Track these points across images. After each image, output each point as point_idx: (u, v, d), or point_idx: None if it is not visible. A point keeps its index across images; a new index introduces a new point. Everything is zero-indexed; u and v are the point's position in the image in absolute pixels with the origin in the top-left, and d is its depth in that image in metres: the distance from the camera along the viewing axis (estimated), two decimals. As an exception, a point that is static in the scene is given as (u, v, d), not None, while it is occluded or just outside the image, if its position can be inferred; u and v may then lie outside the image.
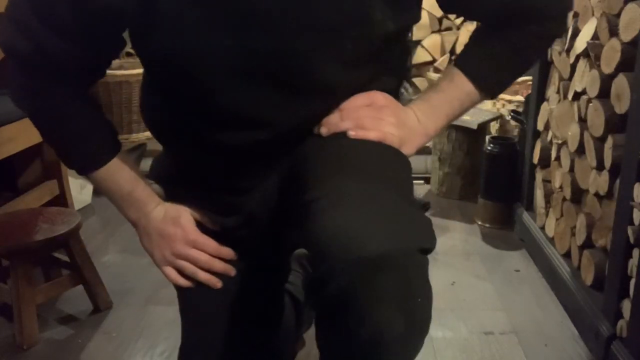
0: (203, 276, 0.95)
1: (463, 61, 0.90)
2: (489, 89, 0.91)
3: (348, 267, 0.67)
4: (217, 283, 0.96)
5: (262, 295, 1.05)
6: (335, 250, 0.68)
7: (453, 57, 3.27)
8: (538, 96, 1.94)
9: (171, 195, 1.01)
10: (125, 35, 0.87)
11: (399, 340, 0.71)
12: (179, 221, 0.95)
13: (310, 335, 1.47)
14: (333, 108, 0.87)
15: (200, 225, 0.97)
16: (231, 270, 0.97)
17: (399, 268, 0.69)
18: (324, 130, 0.86)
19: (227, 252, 0.97)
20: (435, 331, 1.50)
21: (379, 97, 0.87)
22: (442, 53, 3.28)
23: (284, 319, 1.21)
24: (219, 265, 0.96)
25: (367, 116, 0.85)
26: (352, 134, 0.83)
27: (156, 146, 1.05)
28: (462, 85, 0.89)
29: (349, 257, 0.67)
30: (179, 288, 1.02)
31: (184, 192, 0.99)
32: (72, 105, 0.90)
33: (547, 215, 1.85)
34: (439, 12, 3.16)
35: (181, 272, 0.96)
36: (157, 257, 0.98)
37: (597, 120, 1.43)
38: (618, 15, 1.35)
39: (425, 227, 0.74)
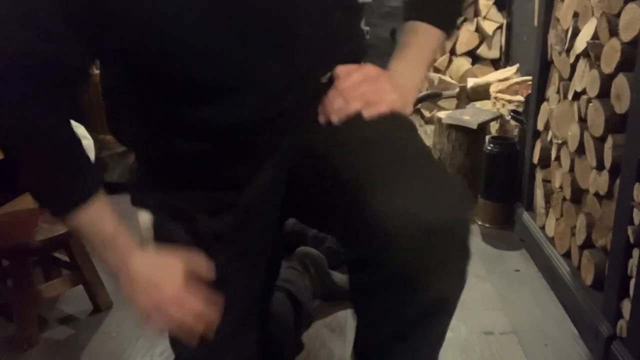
0: (183, 335, 0.90)
1: (418, 12, 0.96)
2: (448, 26, 0.98)
3: (409, 239, 0.70)
4: (195, 343, 0.90)
5: (254, 290, 1.02)
6: (392, 224, 0.70)
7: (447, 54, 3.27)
8: (538, 96, 1.94)
9: (162, 204, 0.96)
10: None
11: (456, 301, 0.80)
12: (170, 270, 0.88)
13: (310, 336, 1.48)
14: (307, 72, 0.87)
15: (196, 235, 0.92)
16: (211, 335, 0.90)
17: (457, 235, 0.78)
18: (334, 119, 0.85)
19: (212, 314, 0.88)
20: (435, 331, 1.50)
21: (369, 69, 0.90)
22: (442, 53, 3.28)
23: (283, 319, 1.23)
24: (200, 329, 0.88)
25: (369, 91, 0.86)
26: (366, 114, 0.84)
27: None
28: (427, 33, 0.95)
29: (409, 230, 0.70)
30: None
31: (176, 196, 0.94)
32: (53, 127, 0.83)
33: (547, 215, 1.85)
34: (439, 12, 3.15)
35: (170, 333, 0.94)
36: (140, 307, 0.90)
37: (597, 120, 1.43)
38: (618, 15, 1.35)
39: (464, 192, 0.82)
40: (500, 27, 3.18)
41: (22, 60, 0.75)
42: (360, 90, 0.86)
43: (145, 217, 1.01)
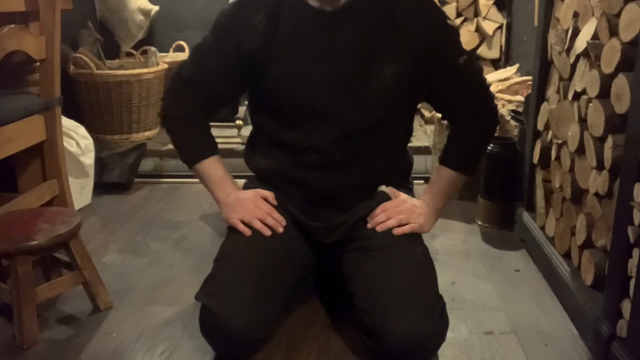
0: (257, 224, 1.39)
1: (444, 159, 1.50)
2: (468, 170, 1.52)
3: (400, 345, 1.22)
4: (267, 231, 1.40)
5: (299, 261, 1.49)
6: (392, 336, 1.22)
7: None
8: (538, 96, 1.94)
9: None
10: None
11: None
12: (249, 193, 1.47)
13: (309, 336, 1.48)
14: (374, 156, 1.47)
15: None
16: (279, 227, 1.41)
17: (430, 345, 1.29)
18: (377, 228, 1.40)
19: (279, 216, 1.43)
20: (435, 331, 1.50)
21: (404, 198, 1.47)
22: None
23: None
24: (271, 220, 1.41)
25: (403, 212, 1.42)
26: (397, 231, 1.39)
27: (156, 146, 1.30)
28: (450, 175, 1.49)
29: (401, 341, 1.22)
30: (227, 242, 1.44)
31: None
32: (204, 117, 1.53)
33: (547, 215, 1.85)
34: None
35: (245, 222, 1.40)
36: (231, 215, 1.43)
37: (597, 120, 1.43)
38: (618, 15, 1.35)
39: (445, 322, 1.31)
40: (500, 27, 3.18)
41: (189, 84, 1.51)
42: (398, 212, 1.40)
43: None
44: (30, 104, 1.95)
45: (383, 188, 1.46)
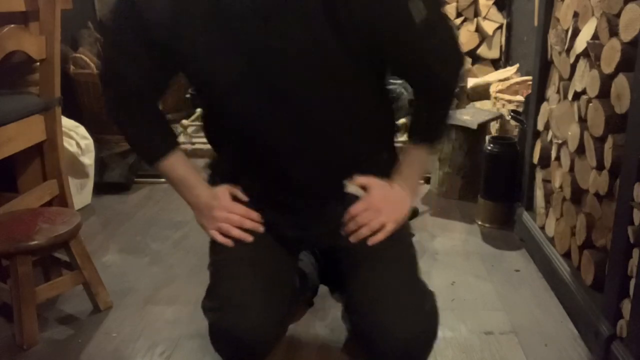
0: (236, 232, 1.23)
1: (409, 136, 1.31)
2: (435, 143, 1.34)
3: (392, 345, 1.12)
4: (247, 237, 1.23)
5: (287, 264, 1.34)
6: (382, 337, 1.13)
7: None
8: (538, 96, 1.94)
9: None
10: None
11: None
12: (217, 195, 1.26)
13: (310, 336, 1.47)
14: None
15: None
16: (259, 227, 1.24)
17: (423, 342, 1.17)
18: (351, 239, 1.23)
19: (255, 215, 1.25)
20: (435, 331, 1.50)
21: (374, 195, 1.25)
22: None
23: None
24: (249, 223, 1.24)
25: (373, 216, 1.23)
26: (372, 241, 1.21)
27: None
28: (418, 152, 1.30)
29: (391, 341, 1.12)
30: (215, 248, 1.28)
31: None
32: (147, 112, 1.27)
33: (547, 215, 1.85)
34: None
35: (222, 232, 1.24)
36: (206, 225, 1.26)
37: (597, 120, 1.43)
38: (618, 15, 1.35)
39: (436, 316, 1.21)
40: (500, 27, 3.19)
41: (119, 76, 1.22)
42: (368, 217, 1.22)
43: None
44: (30, 104, 1.95)
45: (350, 189, 1.28)
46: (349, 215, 1.23)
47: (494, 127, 2.55)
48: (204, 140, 1.36)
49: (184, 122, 2.79)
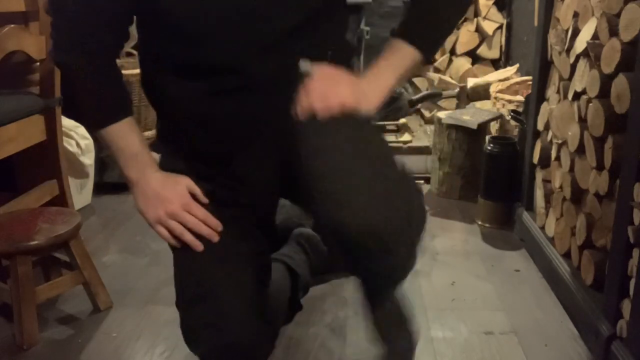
0: (188, 237, 1.08)
1: (400, 32, 1.08)
2: (426, 48, 1.08)
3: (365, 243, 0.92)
4: (199, 246, 1.09)
5: (253, 257, 1.18)
6: (350, 234, 0.91)
7: (449, 55, 3.27)
8: (538, 96, 1.94)
9: (166, 165, 1.16)
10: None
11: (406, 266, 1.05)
12: (176, 187, 1.09)
13: (310, 336, 1.48)
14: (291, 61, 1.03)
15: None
16: (215, 237, 1.09)
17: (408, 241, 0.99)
18: (301, 117, 0.98)
19: (214, 222, 1.09)
20: (435, 331, 1.50)
21: (332, 72, 1.02)
22: (442, 53, 3.28)
23: (279, 287, 1.41)
24: (205, 230, 1.08)
25: (329, 87, 0.99)
26: (322, 114, 0.96)
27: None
28: (403, 50, 1.07)
29: (365, 238, 0.91)
30: (174, 248, 1.15)
31: (177, 162, 1.14)
32: (101, 64, 1.08)
33: (547, 215, 1.85)
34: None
35: (171, 232, 1.09)
36: (150, 216, 1.09)
37: (597, 120, 1.43)
38: (618, 15, 1.35)
39: (416, 194, 1.04)
40: (500, 27, 3.19)
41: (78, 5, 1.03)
42: (321, 91, 0.98)
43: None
44: (30, 104, 1.95)
45: (303, 66, 1.04)
46: (304, 90, 0.99)
47: (494, 127, 2.55)
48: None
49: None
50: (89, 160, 2.37)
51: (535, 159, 1.94)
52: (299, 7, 1.05)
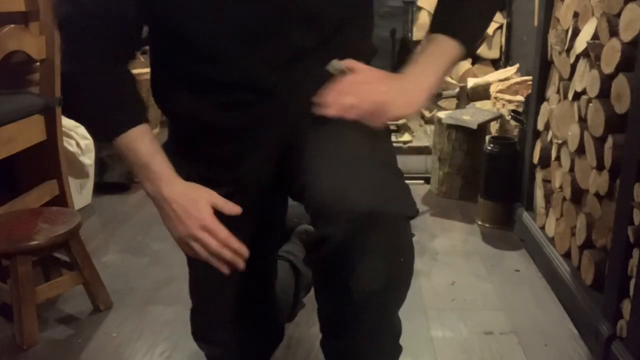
0: (215, 263, 0.99)
1: (439, 24, 0.97)
2: (468, 40, 0.97)
3: (343, 221, 0.80)
4: (225, 271, 0.99)
5: (259, 256, 1.10)
6: (332, 206, 0.81)
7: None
8: (538, 96, 1.94)
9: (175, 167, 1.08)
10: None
11: (384, 292, 0.86)
12: (197, 205, 0.97)
13: (310, 336, 1.48)
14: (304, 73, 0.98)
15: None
16: (240, 262, 0.98)
17: (387, 227, 0.82)
18: (330, 112, 0.88)
19: (237, 244, 0.98)
20: (435, 331, 1.50)
21: (370, 70, 0.94)
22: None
23: (284, 285, 1.40)
24: (228, 255, 0.98)
25: (363, 86, 0.90)
26: (348, 113, 0.87)
27: None
28: (444, 43, 0.95)
29: (344, 212, 0.80)
30: (189, 258, 1.10)
31: (183, 164, 1.06)
32: (110, 70, 0.99)
33: (547, 215, 1.85)
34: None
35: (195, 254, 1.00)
36: (174, 236, 1.01)
37: (597, 120, 1.43)
38: (618, 15, 1.35)
39: (408, 196, 0.88)
40: (500, 27, 3.18)
41: (83, 15, 0.96)
42: (355, 86, 0.90)
43: None
44: (30, 104, 1.95)
45: (335, 65, 0.96)
46: (333, 87, 0.89)
47: (494, 127, 2.55)
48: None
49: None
50: (89, 160, 2.37)
51: (535, 159, 1.94)
52: (319, 23, 0.98)
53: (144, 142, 0.99)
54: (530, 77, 2.26)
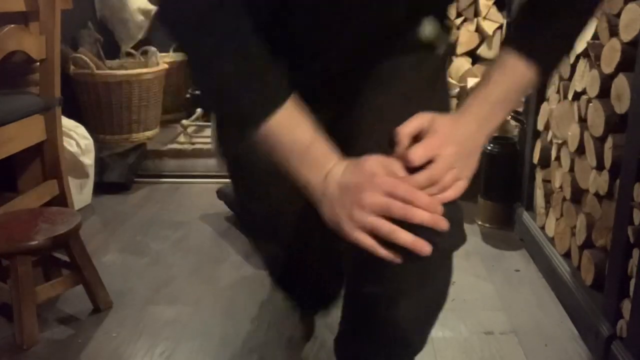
0: (404, 237, 0.72)
1: (518, 41, 0.81)
2: (549, 67, 0.85)
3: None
4: (424, 247, 0.73)
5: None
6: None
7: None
8: (538, 96, 1.94)
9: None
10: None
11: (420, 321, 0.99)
12: (362, 167, 0.75)
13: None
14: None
15: None
16: (444, 224, 0.76)
17: (436, 260, 0.80)
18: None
19: (426, 200, 0.75)
20: (435, 331, 1.50)
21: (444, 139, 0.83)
22: (442, 53, 3.28)
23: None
24: (423, 215, 0.72)
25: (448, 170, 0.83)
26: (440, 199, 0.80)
27: (156, 146, 1.11)
28: (516, 68, 0.80)
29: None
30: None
31: None
32: (249, 37, 0.78)
33: (547, 215, 1.85)
34: (439, 12, 3.15)
35: (377, 232, 0.73)
36: (344, 223, 0.74)
37: (597, 120, 1.43)
38: (618, 15, 1.35)
39: (461, 224, 0.86)
40: (500, 27, 3.18)
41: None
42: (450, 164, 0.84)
43: None
44: (30, 104, 1.95)
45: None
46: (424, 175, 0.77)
47: (494, 127, 2.55)
48: (205, 140, 1.25)
49: (184, 122, 2.79)
50: (89, 160, 2.37)
51: (535, 159, 1.95)
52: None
53: (301, 122, 0.78)
54: (530, 77, 2.26)
